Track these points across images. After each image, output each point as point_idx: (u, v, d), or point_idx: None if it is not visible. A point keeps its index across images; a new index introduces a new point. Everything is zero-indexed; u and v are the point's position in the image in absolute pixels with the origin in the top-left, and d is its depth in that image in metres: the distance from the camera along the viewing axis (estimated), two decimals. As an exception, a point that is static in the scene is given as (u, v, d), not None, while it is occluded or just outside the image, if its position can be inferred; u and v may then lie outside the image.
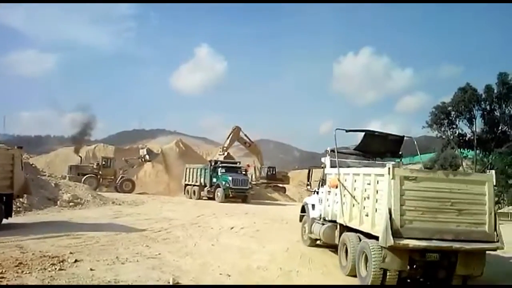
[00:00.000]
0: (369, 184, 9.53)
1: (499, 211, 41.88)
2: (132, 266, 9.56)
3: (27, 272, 8.36)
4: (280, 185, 48.15)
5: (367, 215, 9.45)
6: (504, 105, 48.15)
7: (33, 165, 29.49)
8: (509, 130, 48.55)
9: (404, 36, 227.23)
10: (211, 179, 33.44)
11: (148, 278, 8.47)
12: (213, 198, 32.37)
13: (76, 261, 9.50)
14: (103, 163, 41.61)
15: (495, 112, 48.59)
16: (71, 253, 10.28)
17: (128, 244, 12.13)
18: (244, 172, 35.07)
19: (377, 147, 13.02)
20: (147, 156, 45.65)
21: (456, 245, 8.52)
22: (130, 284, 8.02)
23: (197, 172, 35.55)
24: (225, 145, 45.35)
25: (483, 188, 8.94)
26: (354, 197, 10.15)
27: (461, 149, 50.18)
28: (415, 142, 14.59)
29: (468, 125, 49.59)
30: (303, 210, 14.75)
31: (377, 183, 9.19)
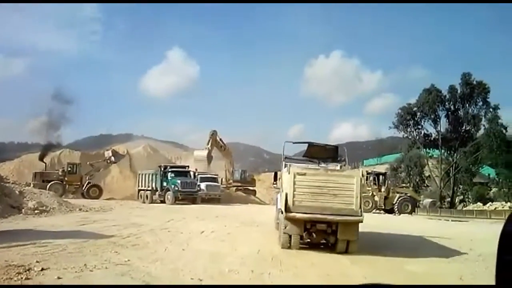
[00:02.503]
0: (285, 179, 13.61)
1: (464, 209, 43.24)
2: (100, 273, 9.38)
3: (-8, 282, 8.11)
4: (251, 188, 48.33)
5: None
6: (467, 105, 49.48)
7: (-4, 173, 28.71)
8: (472, 129, 49.85)
9: (374, 38, 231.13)
10: (161, 183, 35.66)
11: (118, 285, 8.33)
12: (164, 202, 34.21)
13: (42, 269, 9.25)
14: (69, 169, 40.96)
15: (459, 112, 49.96)
16: (37, 261, 10.01)
17: (96, 251, 11.90)
18: (192, 176, 37.41)
19: (320, 154, 17.12)
20: (112, 158, 45.07)
21: (330, 217, 12.57)
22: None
23: (148, 177, 37.62)
24: (208, 146, 45.63)
25: (352, 180, 12.94)
26: (281, 188, 14.12)
27: (427, 149, 51.45)
28: (345, 150, 18.61)
29: (433, 125, 50.96)
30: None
31: (285, 178, 13.66)
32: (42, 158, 45.70)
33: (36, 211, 21.43)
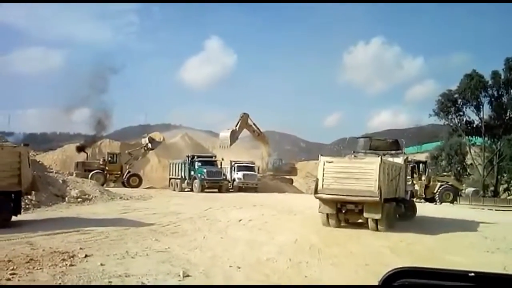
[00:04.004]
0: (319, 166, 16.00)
1: (508, 198, 41.89)
2: (142, 260, 9.59)
3: (38, 268, 8.39)
4: (287, 176, 48.13)
5: None
6: (511, 91, 47.62)
7: (40, 162, 29.60)
8: (517, 116, 47.97)
9: (415, 25, 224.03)
10: (189, 172, 36.68)
11: (158, 272, 8.48)
12: (192, 190, 35.11)
13: (86, 256, 9.54)
14: (109, 158, 41.68)
15: (503, 98, 48.10)
16: (81, 248, 10.33)
17: (137, 239, 12.17)
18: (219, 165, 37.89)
19: (382, 147, 19.49)
20: (149, 145, 45.56)
21: (350, 198, 14.80)
22: (140, 278, 8.03)
23: (178, 167, 39.01)
24: (236, 129, 45.36)
25: (373, 166, 14.85)
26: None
27: (469, 136, 49.81)
28: (403, 142, 21.31)
29: (476, 112, 49.16)
30: None
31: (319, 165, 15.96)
32: (82, 149, 46.66)
33: (78, 200, 22.03)
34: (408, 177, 19.94)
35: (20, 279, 7.63)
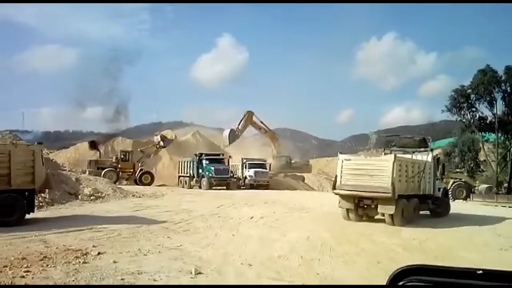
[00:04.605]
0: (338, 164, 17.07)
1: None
2: (154, 257, 9.65)
3: (52, 265, 8.48)
4: (299, 174, 48.04)
5: None
6: (526, 87, 46.98)
7: (53, 160, 29.89)
8: (532, 112, 47.35)
9: (428, 19, 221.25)
10: (197, 170, 37.21)
11: (171, 269, 8.52)
12: (200, 187, 35.76)
13: (99, 253, 9.62)
14: (122, 156, 41.93)
15: (517, 94, 47.47)
16: (94, 246, 10.41)
17: (149, 236, 12.25)
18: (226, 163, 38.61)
19: (411, 145, 20.59)
20: (161, 143, 45.91)
21: (364, 193, 15.73)
22: (153, 275, 8.08)
23: (187, 164, 39.60)
24: (239, 127, 46.04)
25: (387, 163, 15.62)
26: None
27: (482, 133, 49.25)
28: (430, 139, 21.70)
29: (489, 107, 48.57)
30: None
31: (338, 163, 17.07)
32: (95, 146, 47.02)
33: (91, 197, 22.22)
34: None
35: (34, 277, 7.72)
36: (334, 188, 16.63)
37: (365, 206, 16.26)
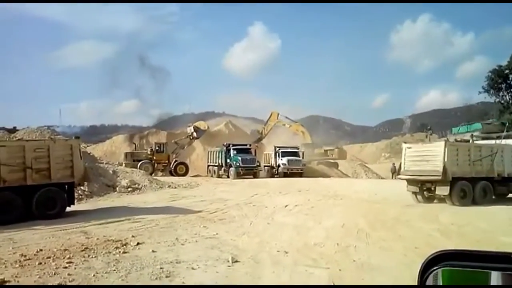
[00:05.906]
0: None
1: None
2: (191, 246, 9.80)
3: (93, 256, 8.74)
4: (332, 160, 47.73)
5: None
6: None
7: (91, 154, 30.58)
8: None
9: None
10: (225, 160, 38.15)
11: (208, 258, 8.63)
12: (228, 176, 36.65)
13: (138, 243, 9.84)
14: (157, 148, 42.60)
15: (560, 73, 45.71)
16: (133, 236, 10.66)
17: (186, 226, 12.44)
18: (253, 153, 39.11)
19: (494, 131, 23.12)
20: (194, 134, 46.52)
21: (420, 177, 17.53)
22: (191, 263, 8.21)
23: (215, 154, 40.77)
24: (265, 131, 48.98)
25: (439, 149, 17.09)
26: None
27: (522, 114, 47.72)
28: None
29: (529, 87, 46.99)
30: None
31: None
32: (132, 139, 48.01)
33: (129, 189, 22.70)
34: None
35: (77, 267, 7.96)
36: (398, 173, 19.30)
37: (427, 189, 17.84)
